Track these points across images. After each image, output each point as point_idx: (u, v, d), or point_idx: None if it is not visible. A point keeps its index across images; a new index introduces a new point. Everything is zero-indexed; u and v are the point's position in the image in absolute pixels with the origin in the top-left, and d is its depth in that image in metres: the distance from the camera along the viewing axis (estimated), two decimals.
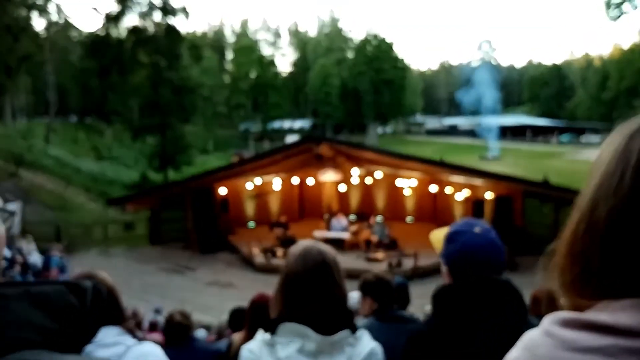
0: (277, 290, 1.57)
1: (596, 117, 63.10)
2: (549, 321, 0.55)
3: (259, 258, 15.30)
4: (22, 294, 0.61)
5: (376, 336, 1.67)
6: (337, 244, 15.83)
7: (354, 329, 1.51)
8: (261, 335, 1.51)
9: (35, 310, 0.61)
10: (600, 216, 0.53)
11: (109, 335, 1.67)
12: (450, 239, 1.58)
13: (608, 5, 31.59)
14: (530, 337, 0.57)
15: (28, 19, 25.99)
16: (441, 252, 1.61)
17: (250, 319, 2.88)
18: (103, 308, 0.54)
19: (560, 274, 0.58)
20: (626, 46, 60.24)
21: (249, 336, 2.60)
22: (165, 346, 3.24)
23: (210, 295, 13.28)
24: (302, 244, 1.61)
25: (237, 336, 2.99)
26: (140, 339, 1.85)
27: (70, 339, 0.64)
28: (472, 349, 1.40)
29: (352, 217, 18.84)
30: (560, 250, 0.58)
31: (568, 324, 0.53)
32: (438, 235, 1.67)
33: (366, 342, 1.53)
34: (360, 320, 2.29)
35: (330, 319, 1.48)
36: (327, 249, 1.58)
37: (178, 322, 3.20)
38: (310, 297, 1.49)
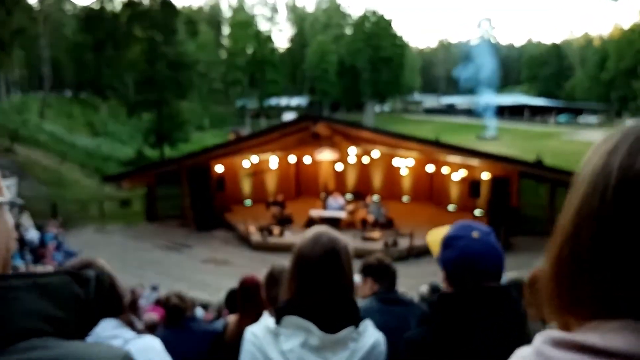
0: (288, 275, 1.56)
1: (594, 98, 62.93)
2: (540, 340, 0.54)
3: (255, 236, 15.35)
4: (30, 285, 0.64)
5: (377, 318, 1.66)
6: (334, 223, 15.90)
7: (358, 322, 1.50)
8: (266, 321, 1.50)
9: (43, 300, 0.64)
10: (583, 242, 0.52)
11: (107, 329, 1.65)
12: (447, 244, 1.55)
13: None
14: (522, 355, 0.56)
15: None
16: (438, 257, 1.59)
17: (241, 300, 2.92)
18: (105, 297, 0.57)
19: (547, 297, 0.57)
20: (626, 26, 59.73)
21: (242, 318, 2.81)
22: (164, 327, 3.30)
23: (206, 273, 13.36)
24: (315, 229, 1.59)
25: (232, 318, 3.03)
26: (139, 331, 1.83)
27: (75, 327, 0.67)
28: (469, 357, 1.40)
29: (349, 196, 18.89)
30: (546, 273, 0.57)
31: (559, 344, 0.52)
32: (435, 237, 1.64)
33: (370, 334, 1.52)
34: (360, 301, 2.29)
35: (336, 313, 1.47)
36: (339, 236, 1.57)
37: (174, 305, 3.22)
38: (319, 283, 1.48)
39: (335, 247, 1.51)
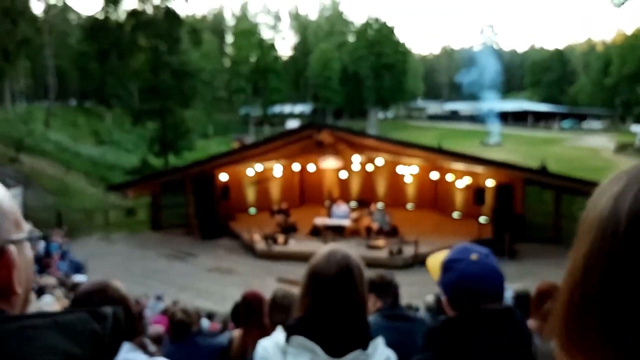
0: (301, 291, 1.57)
1: (598, 103, 62.76)
2: None
3: (259, 244, 15.33)
4: (50, 324, 0.67)
5: (382, 335, 1.67)
6: (338, 231, 15.91)
7: (367, 343, 1.49)
8: (277, 336, 1.51)
9: (62, 338, 0.67)
10: (594, 287, 0.51)
11: (120, 352, 1.64)
12: (446, 267, 1.56)
13: None
14: None
15: (26, 2, 25.73)
16: (438, 281, 1.59)
17: (244, 316, 2.97)
18: (122, 333, 0.58)
19: (559, 337, 0.57)
20: (629, 31, 59.70)
21: (245, 333, 2.90)
22: (170, 342, 3.32)
23: (211, 282, 13.34)
24: (329, 246, 1.61)
25: (236, 332, 3.08)
26: (152, 354, 1.85)
27: None
28: None
29: (353, 204, 18.85)
30: (557, 319, 0.57)
31: None
32: (435, 262, 1.65)
33: (380, 354, 1.52)
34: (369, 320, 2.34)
35: (345, 334, 1.47)
36: (353, 254, 1.58)
37: (180, 320, 3.25)
38: (332, 300, 1.49)
39: (349, 264, 1.53)
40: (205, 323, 5.50)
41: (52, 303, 4.97)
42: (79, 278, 10.16)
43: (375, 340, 1.52)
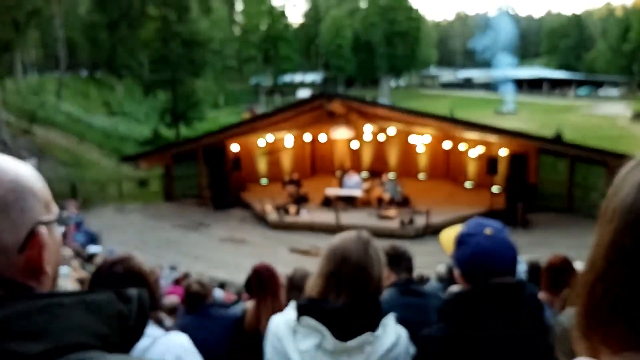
0: (321, 270, 1.56)
1: (615, 70, 61.34)
2: None
3: (272, 215, 15.43)
4: (78, 302, 0.70)
5: (397, 310, 1.69)
6: (350, 201, 15.94)
7: (377, 324, 1.50)
8: (289, 314, 1.52)
9: (89, 317, 0.70)
10: (617, 280, 0.51)
11: None
12: (460, 241, 1.57)
13: None
14: None
15: None
16: (452, 255, 1.61)
17: (255, 288, 3.01)
18: (146, 315, 0.59)
19: (580, 330, 0.56)
20: None
21: (258, 305, 2.94)
22: (185, 313, 3.38)
23: (224, 252, 13.50)
24: (350, 233, 1.60)
25: (249, 304, 3.12)
26: (168, 329, 1.88)
27: (119, 341, 0.73)
28: (487, 354, 1.41)
29: (365, 174, 18.85)
30: (578, 309, 0.56)
31: None
32: (448, 236, 1.67)
33: (389, 335, 1.51)
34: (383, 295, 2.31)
35: (354, 318, 1.47)
36: (372, 240, 1.58)
37: (195, 292, 3.28)
38: (349, 285, 1.49)
39: (374, 251, 1.54)
40: (219, 293, 5.57)
41: (68, 274, 5.06)
42: (93, 249, 10.32)
43: (385, 320, 1.52)
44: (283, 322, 1.52)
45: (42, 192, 0.77)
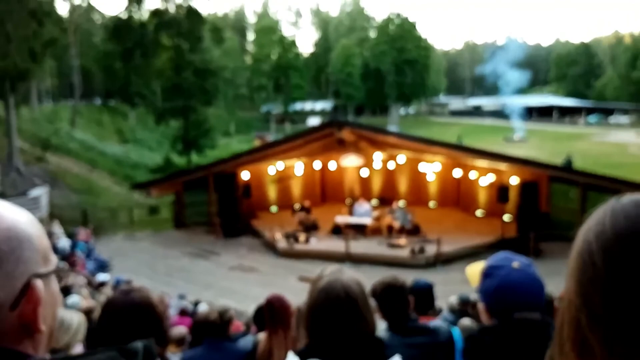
0: (304, 322, 1.54)
1: (625, 97, 61.40)
2: None
3: (281, 243, 15.40)
4: None
5: (398, 352, 1.59)
6: (360, 229, 15.89)
7: None
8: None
9: None
10: (595, 305, 0.56)
11: None
12: (487, 274, 1.55)
13: None
14: None
15: (52, 3, 26.28)
16: (478, 288, 1.58)
17: (268, 320, 2.96)
18: None
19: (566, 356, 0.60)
20: None
21: (270, 337, 2.89)
22: (196, 343, 3.42)
23: (233, 280, 13.44)
24: (326, 276, 1.51)
25: (261, 336, 3.08)
26: None
27: None
28: None
29: (375, 202, 18.82)
30: (565, 348, 0.61)
31: None
32: (474, 270, 1.64)
33: None
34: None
35: (358, 354, 1.44)
36: (352, 281, 1.49)
37: (214, 321, 3.27)
38: (334, 332, 1.44)
39: (349, 294, 1.45)
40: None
41: (78, 303, 5.05)
42: (102, 277, 10.31)
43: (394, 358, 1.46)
44: None
45: (40, 242, 0.73)
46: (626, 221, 0.57)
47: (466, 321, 4.53)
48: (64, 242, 14.13)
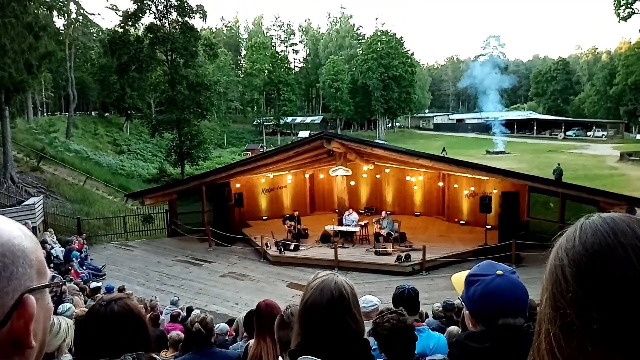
0: (296, 321, 1.59)
1: (603, 113, 62.40)
2: None
3: (272, 251, 15.80)
4: None
5: None
6: (348, 237, 16.35)
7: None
8: None
9: None
10: (568, 316, 0.60)
11: None
12: (471, 281, 1.55)
13: (618, 5, 31.38)
14: None
15: (49, 17, 26.41)
16: (462, 295, 1.59)
17: (258, 326, 3.00)
18: None
19: None
20: (634, 40, 59.51)
21: (259, 342, 2.94)
22: (187, 350, 3.53)
23: (225, 287, 13.74)
24: (321, 276, 1.59)
25: (252, 342, 3.13)
26: None
27: None
28: None
29: (362, 211, 19.28)
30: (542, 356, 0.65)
31: None
32: (460, 277, 1.66)
33: None
34: None
35: (346, 354, 1.50)
36: (344, 282, 1.57)
37: (198, 331, 3.25)
38: (327, 329, 1.49)
39: (342, 292, 1.52)
40: (222, 326, 5.73)
41: (71, 310, 5.15)
42: (95, 284, 10.55)
43: None
44: None
45: (35, 256, 0.71)
46: (593, 237, 0.62)
47: (454, 328, 4.65)
48: (58, 250, 14.38)
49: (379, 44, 66.02)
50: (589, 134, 59.24)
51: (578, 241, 0.63)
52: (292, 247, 15.80)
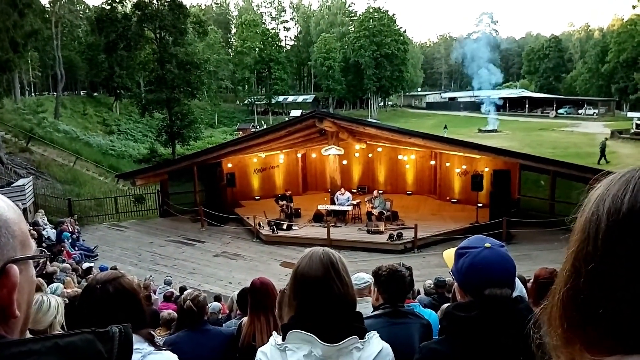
0: (290, 293, 1.62)
1: (594, 91, 62.57)
2: None
3: (264, 230, 15.85)
4: (51, 348, 0.64)
5: (385, 332, 1.77)
6: (340, 216, 16.42)
7: (362, 333, 1.57)
8: (274, 339, 1.59)
9: None
10: (582, 283, 0.55)
11: None
12: (460, 253, 1.59)
13: None
14: None
15: None
16: (452, 268, 1.63)
17: (252, 304, 3.02)
18: (130, 351, 0.69)
19: (557, 336, 0.59)
20: (626, 17, 59.33)
21: (252, 320, 2.97)
22: (180, 329, 3.50)
23: (218, 266, 13.81)
24: (311, 248, 1.67)
25: (245, 319, 3.15)
26: (158, 347, 1.85)
27: None
28: None
29: (355, 190, 19.33)
30: (553, 314, 0.59)
31: None
32: (450, 253, 1.69)
33: (375, 344, 1.59)
34: (368, 320, 2.22)
35: (338, 325, 1.53)
36: (333, 251, 1.64)
37: (190, 309, 3.25)
38: (319, 299, 1.53)
39: (332, 261, 1.57)
40: (215, 305, 5.74)
41: (60, 289, 5.14)
42: (87, 264, 10.58)
43: (369, 334, 1.60)
44: (269, 348, 1.57)
45: (18, 227, 0.71)
46: None
47: (446, 306, 4.81)
48: (49, 231, 14.34)
49: (371, 21, 65.36)
50: (580, 111, 59.41)
51: (627, 204, 0.53)
52: (284, 227, 15.86)
